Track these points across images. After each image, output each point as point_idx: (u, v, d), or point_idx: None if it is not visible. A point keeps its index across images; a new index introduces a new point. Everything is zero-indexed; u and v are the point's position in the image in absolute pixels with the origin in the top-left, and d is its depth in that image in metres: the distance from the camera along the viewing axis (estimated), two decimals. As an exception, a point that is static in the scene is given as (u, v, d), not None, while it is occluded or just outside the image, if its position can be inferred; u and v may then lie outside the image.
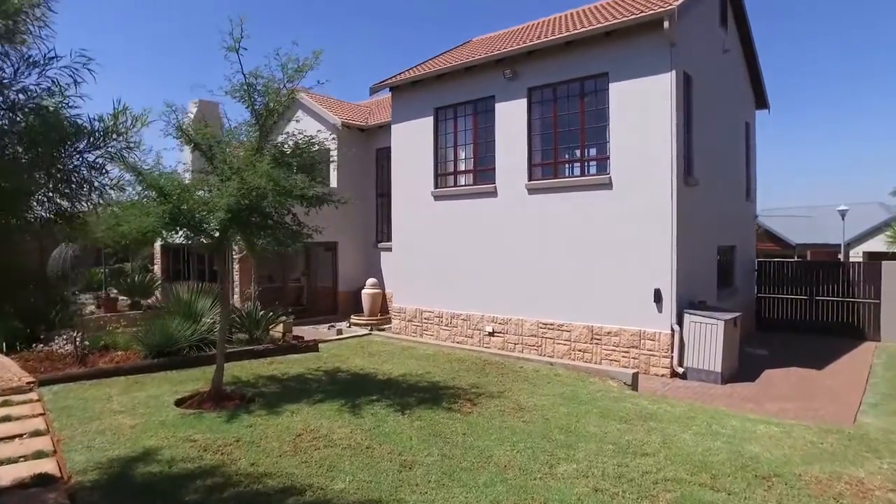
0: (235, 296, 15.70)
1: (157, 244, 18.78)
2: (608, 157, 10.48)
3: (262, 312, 10.41)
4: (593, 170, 10.80)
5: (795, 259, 26.85)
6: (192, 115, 20.70)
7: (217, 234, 6.91)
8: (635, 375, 8.48)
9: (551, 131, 11.22)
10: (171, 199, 6.37)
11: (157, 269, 19.62)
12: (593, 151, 10.90)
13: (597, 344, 10.52)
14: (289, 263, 17.80)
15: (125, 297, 15.27)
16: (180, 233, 6.69)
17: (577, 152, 11.02)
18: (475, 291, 12.44)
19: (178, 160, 7.40)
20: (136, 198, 6.43)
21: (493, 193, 12.09)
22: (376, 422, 6.29)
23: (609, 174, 10.39)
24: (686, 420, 6.66)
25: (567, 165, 11.35)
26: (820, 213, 36.90)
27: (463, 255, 12.67)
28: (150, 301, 15.18)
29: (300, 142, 7.55)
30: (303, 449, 5.48)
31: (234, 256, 15.85)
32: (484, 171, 12.45)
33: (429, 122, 13.37)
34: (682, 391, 8.66)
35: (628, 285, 10.14)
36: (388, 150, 14.97)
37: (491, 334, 12.09)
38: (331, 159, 19.09)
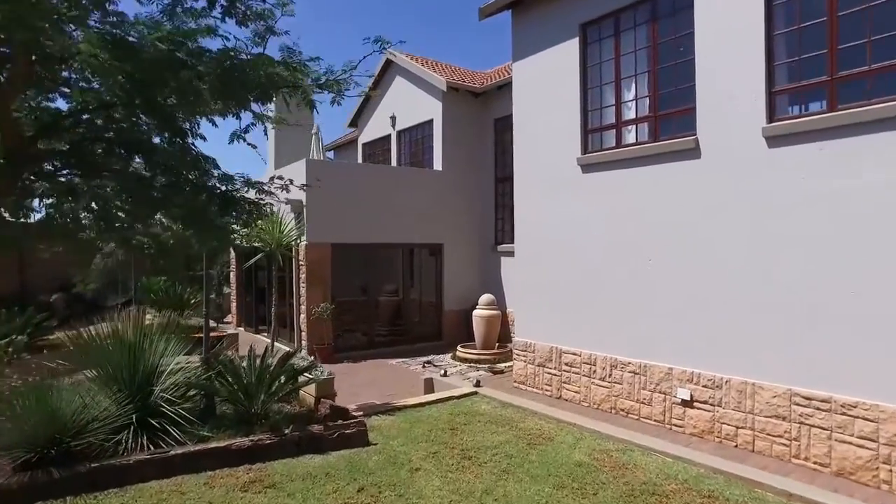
0: (302, 315, 11.69)
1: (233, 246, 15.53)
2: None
3: (270, 365, 5.88)
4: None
5: None
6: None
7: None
8: None
9: (822, 19, 5.67)
10: None
11: (232, 277, 16.45)
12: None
13: (950, 457, 4.82)
14: (384, 271, 13.61)
15: (155, 314, 11.87)
16: None
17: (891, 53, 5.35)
18: (655, 326, 7.19)
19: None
20: None
21: (692, 152, 6.78)
22: None
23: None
24: None
25: (853, 82, 5.70)
26: None
27: (632, 262, 7.47)
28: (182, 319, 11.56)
29: None
30: None
31: (301, 262, 11.91)
32: (671, 115, 7.17)
33: (571, 48, 8.34)
34: None
35: None
36: (512, 119, 10.10)
37: (687, 404, 6.75)
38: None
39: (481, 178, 14.15)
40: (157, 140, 3.03)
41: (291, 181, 3.79)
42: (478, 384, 8.34)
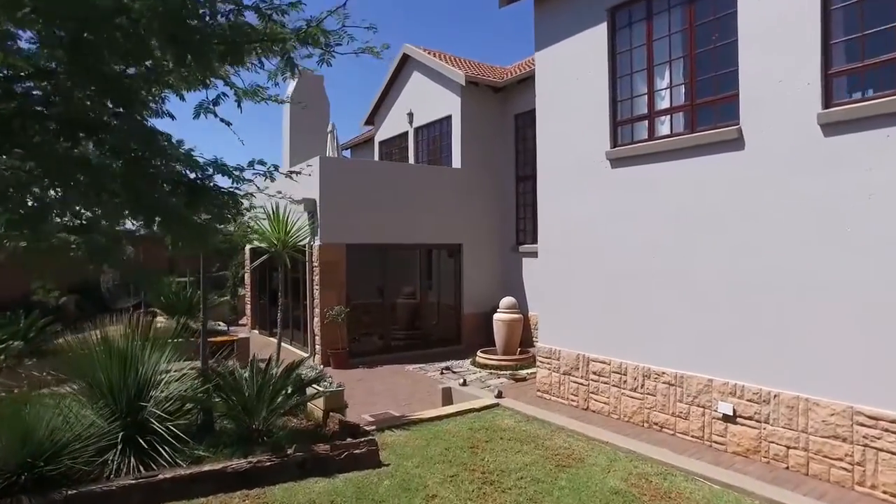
0: (315, 318, 11.27)
1: (248, 247, 15.22)
2: None
3: (273, 377, 5.41)
4: None
5: None
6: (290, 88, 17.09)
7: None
8: None
9: (887, -9, 5.05)
10: None
11: (247, 278, 16.11)
12: None
13: None
14: (401, 272, 13.14)
15: (165, 317, 11.52)
16: None
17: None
18: (692, 333, 6.59)
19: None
20: None
21: (735, 143, 6.17)
22: None
23: None
24: None
25: (924, 65, 5.06)
26: None
27: (667, 263, 6.88)
28: (194, 323, 11.13)
29: None
30: None
31: (314, 264, 11.50)
32: (711, 103, 6.56)
33: (598, 35, 7.76)
34: None
35: None
36: (534, 113, 9.54)
37: (729, 419, 6.14)
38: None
39: (502, 175, 13.62)
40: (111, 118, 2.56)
41: (276, 167, 3.28)
42: (499, 395, 7.80)
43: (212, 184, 2.84)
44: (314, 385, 5.81)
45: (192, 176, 2.76)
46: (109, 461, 4.37)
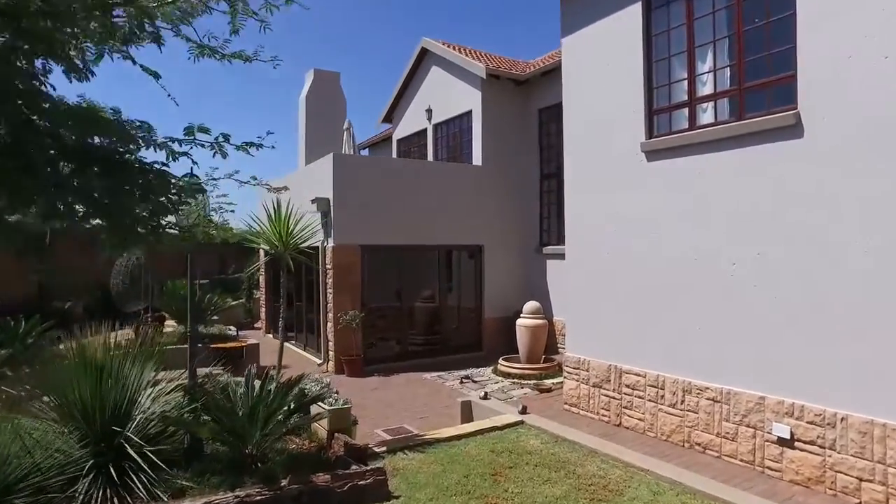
0: (329, 323, 10.74)
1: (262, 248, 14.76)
2: None
3: (269, 393, 4.78)
4: None
5: None
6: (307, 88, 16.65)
7: None
8: None
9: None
10: None
11: (262, 281, 15.67)
12: None
13: None
14: (419, 274, 12.56)
15: (175, 322, 11.07)
16: None
17: None
18: (740, 344, 5.87)
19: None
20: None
21: (791, 130, 5.45)
22: None
23: None
24: None
25: None
26: None
27: (710, 266, 6.18)
28: (205, 329, 10.63)
29: None
30: None
31: (327, 266, 10.98)
32: (762, 86, 5.84)
33: (632, 16, 7.09)
34: None
35: None
36: (558, 108, 8.87)
37: (786, 443, 5.41)
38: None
39: (525, 173, 12.94)
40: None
41: (227, 137, 2.66)
42: (524, 410, 7.13)
43: (133, 157, 2.22)
44: (318, 402, 5.22)
45: (116, 148, 2.14)
46: (78, 493, 3.84)
